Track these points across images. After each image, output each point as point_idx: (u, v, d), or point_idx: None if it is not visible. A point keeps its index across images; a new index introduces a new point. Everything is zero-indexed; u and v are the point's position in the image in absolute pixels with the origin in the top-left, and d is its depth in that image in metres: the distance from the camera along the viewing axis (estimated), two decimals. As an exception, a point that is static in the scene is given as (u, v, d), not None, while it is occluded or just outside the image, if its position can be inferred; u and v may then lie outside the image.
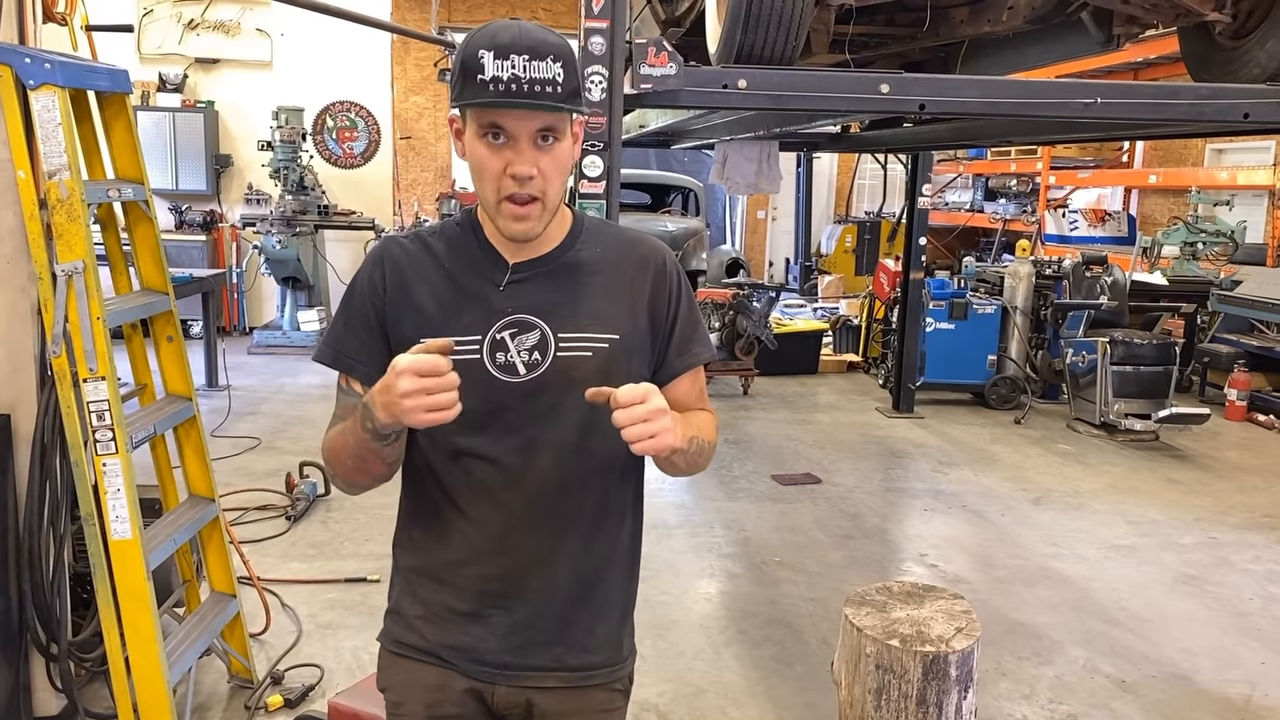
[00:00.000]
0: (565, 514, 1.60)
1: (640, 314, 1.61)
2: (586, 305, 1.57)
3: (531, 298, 1.55)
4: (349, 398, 1.59)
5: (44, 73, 2.61)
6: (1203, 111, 3.06)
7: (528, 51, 1.41)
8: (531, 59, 1.41)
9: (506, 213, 1.49)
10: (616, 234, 1.69)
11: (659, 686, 3.66)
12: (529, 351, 1.54)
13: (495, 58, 1.41)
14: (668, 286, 1.64)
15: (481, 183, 1.50)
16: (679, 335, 1.65)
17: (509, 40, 1.42)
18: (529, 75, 1.41)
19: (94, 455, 2.72)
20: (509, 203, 1.48)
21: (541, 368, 1.54)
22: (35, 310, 2.82)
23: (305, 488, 5.38)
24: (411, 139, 11.41)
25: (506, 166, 1.46)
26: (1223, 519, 5.73)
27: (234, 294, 10.69)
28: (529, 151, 1.46)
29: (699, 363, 1.68)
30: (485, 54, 1.41)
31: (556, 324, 1.55)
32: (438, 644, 1.63)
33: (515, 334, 1.54)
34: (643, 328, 1.61)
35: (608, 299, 1.59)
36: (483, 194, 1.52)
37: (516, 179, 1.46)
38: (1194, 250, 9.43)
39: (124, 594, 2.76)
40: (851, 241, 14.11)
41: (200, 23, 10.57)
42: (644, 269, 1.63)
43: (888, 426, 7.69)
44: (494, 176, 1.47)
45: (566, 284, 1.58)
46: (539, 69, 1.42)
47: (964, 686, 2.56)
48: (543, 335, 1.54)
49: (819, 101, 2.92)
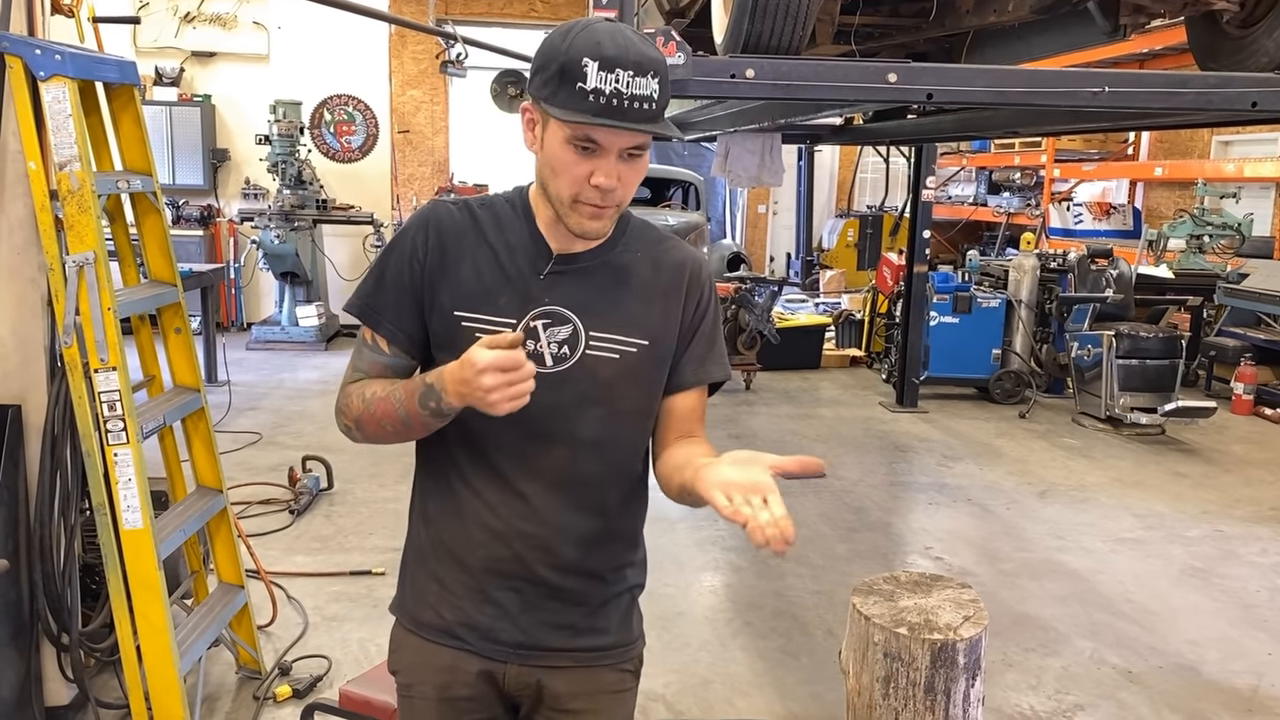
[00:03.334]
0: (578, 504, 1.61)
1: (672, 321, 1.62)
2: (622, 307, 1.58)
3: (569, 291, 1.55)
4: (374, 354, 1.60)
5: (54, 64, 2.61)
6: (1211, 100, 3.05)
7: (633, 67, 1.39)
8: (636, 75, 1.39)
9: (583, 211, 1.48)
10: (658, 238, 1.68)
11: (665, 677, 3.67)
12: (559, 344, 1.54)
13: (600, 69, 1.38)
14: (699, 296, 1.64)
15: (559, 181, 1.48)
16: (697, 347, 1.64)
17: (615, 53, 1.39)
18: (630, 91, 1.39)
19: (105, 445, 2.73)
20: (585, 204, 1.48)
21: (569, 362, 1.54)
22: (45, 301, 2.82)
23: (308, 482, 5.38)
24: (409, 133, 11.39)
25: (591, 175, 1.45)
26: (1229, 512, 5.73)
27: (232, 289, 10.68)
28: (616, 165, 1.45)
29: (710, 380, 1.66)
30: (590, 63, 1.38)
31: (590, 321, 1.55)
32: (453, 622, 1.64)
33: (548, 325, 1.54)
34: (673, 335, 1.62)
35: (643, 303, 1.60)
36: (556, 188, 1.49)
37: (600, 190, 1.45)
38: (1200, 243, 9.40)
39: (135, 583, 2.76)
40: (853, 236, 14.08)
41: (197, 16, 10.55)
42: (680, 275, 1.63)
43: (891, 421, 7.69)
44: (575, 181, 1.46)
45: (605, 283, 1.58)
46: (640, 85, 1.40)
47: (971, 674, 2.56)
48: (575, 330, 1.55)
49: (827, 91, 2.91)
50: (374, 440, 1.58)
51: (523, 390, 1.37)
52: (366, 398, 1.55)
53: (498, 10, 11.49)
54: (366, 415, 1.55)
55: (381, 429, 1.54)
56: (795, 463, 1.39)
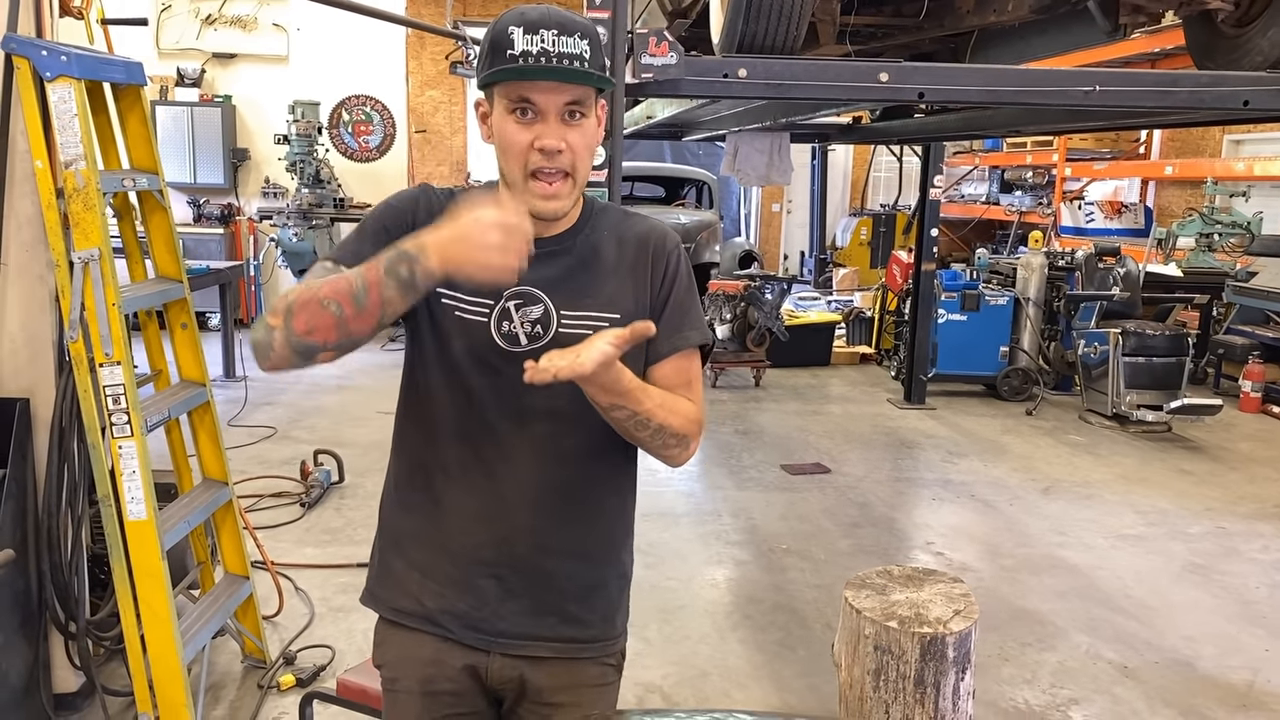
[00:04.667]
0: (557, 487, 1.63)
1: (642, 295, 1.63)
2: (592, 286, 1.61)
3: (540, 273, 1.56)
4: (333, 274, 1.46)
5: (60, 65, 2.68)
6: (1203, 99, 3.08)
7: (556, 27, 1.47)
8: (560, 34, 1.47)
9: (535, 190, 1.52)
10: (622, 216, 1.71)
11: (664, 669, 3.71)
12: (532, 324, 1.58)
13: (525, 33, 1.46)
14: (664, 266, 1.65)
15: (508, 160, 1.53)
16: (669, 316, 1.63)
17: (538, 17, 1.48)
18: (558, 49, 1.46)
19: (110, 438, 2.80)
20: (537, 180, 1.52)
21: (543, 340, 1.57)
22: (53, 297, 2.90)
23: (320, 475, 5.46)
24: (426, 133, 11.49)
25: (534, 140, 1.49)
26: (1233, 509, 5.73)
27: (251, 286, 10.79)
28: (557, 126, 1.50)
29: (687, 346, 1.64)
30: (515, 29, 1.47)
31: (560, 301, 1.59)
32: (435, 610, 1.66)
33: (520, 305, 1.58)
34: (644, 308, 1.63)
35: (612, 281, 1.63)
36: (510, 171, 1.54)
37: (545, 153, 1.50)
38: (1209, 241, 9.38)
39: (139, 573, 2.83)
40: (867, 234, 14.08)
41: (218, 18, 10.68)
42: (644, 249, 1.66)
43: (899, 418, 7.71)
44: (521, 151, 1.51)
45: (573, 265, 1.61)
46: (567, 44, 1.47)
47: (961, 668, 2.59)
48: (546, 310, 1.58)
49: (819, 90, 2.96)
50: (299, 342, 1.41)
51: (521, 254, 1.37)
52: (310, 284, 1.44)
53: (513, 12, 11.55)
54: (305, 297, 1.41)
55: (321, 314, 1.39)
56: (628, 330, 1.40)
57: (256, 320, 1.45)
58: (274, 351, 1.43)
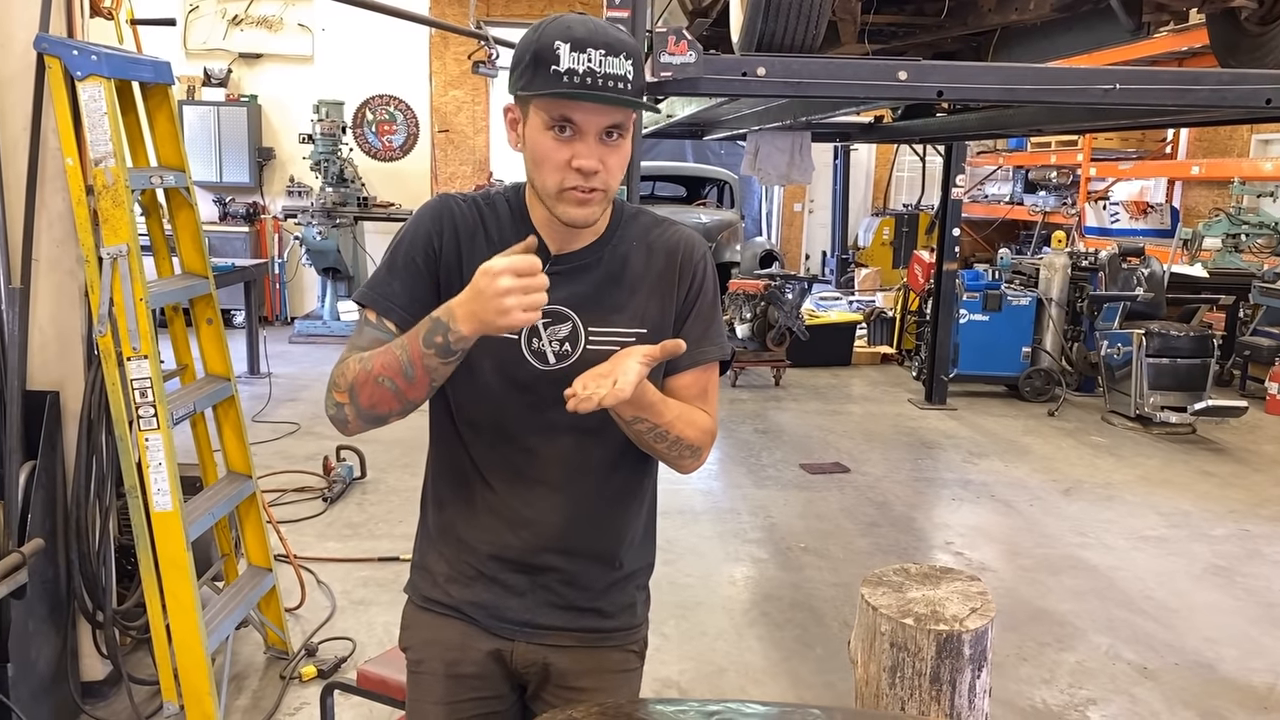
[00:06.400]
0: (584, 494, 1.66)
1: (668, 306, 1.65)
2: (618, 300, 1.62)
3: (568, 290, 1.58)
4: (378, 332, 1.57)
5: (90, 64, 2.73)
6: (1224, 97, 3.06)
7: (604, 47, 1.44)
8: (608, 54, 1.44)
9: (569, 199, 1.51)
10: (651, 223, 1.70)
11: (681, 664, 3.73)
12: (560, 342, 1.59)
13: (572, 50, 1.42)
14: (690, 278, 1.66)
15: (542, 172, 1.51)
16: (693, 329, 1.64)
17: (585, 34, 1.44)
18: (604, 70, 1.44)
19: (137, 431, 2.85)
20: (572, 191, 1.50)
21: (571, 358, 1.59)
22: (83, 292, 2.95)
23: (342, 471, 5.52)
24: (450, 132, 11.56)
25: (572, 159, 1.48)
26: (1256, 511, 5.69)
27: (276, 284, 10.91)
28: (596, 146, 1.48)
29: (706, 361, 1.66)
30: (561, 45, 1.43)
31: (587, 317, 1.60)
32: (461, 600, 1.70)
33: (549, 324, 1.59)
34: (669, 320, 1.64)
35: (639, 293, 1.64)
36: (542, 182, 1.52)
37: (582, 173, 1.48)
38: (1236, 242, 9.29)
39: (165, 563, 2.88)
40: (889, 234, 14.02)
41: (244, 19, 10.81)
42: (673, 260, 1.66)
43: (919, 418, 7.69)
44: (558, 168, 1.49)
45: (601, 279, 1.62)
46: (613, 65, 1.44)
47: (977, 666, 2.59)
48: (574, 327, 1.60)
49: (837, 88, 2.96)
50: (367, 414, 1.53)
51: (538, 300, 1.38)
52: (364, 359, 1.52)
53: (537, 12, 11.60)
54: (362, 377, 1.51)
55: (378, 390, 1.50)
56: (659, 348, 1.43)
57: (326, 396, 1.60)
58: (350, 424, 1.57)
